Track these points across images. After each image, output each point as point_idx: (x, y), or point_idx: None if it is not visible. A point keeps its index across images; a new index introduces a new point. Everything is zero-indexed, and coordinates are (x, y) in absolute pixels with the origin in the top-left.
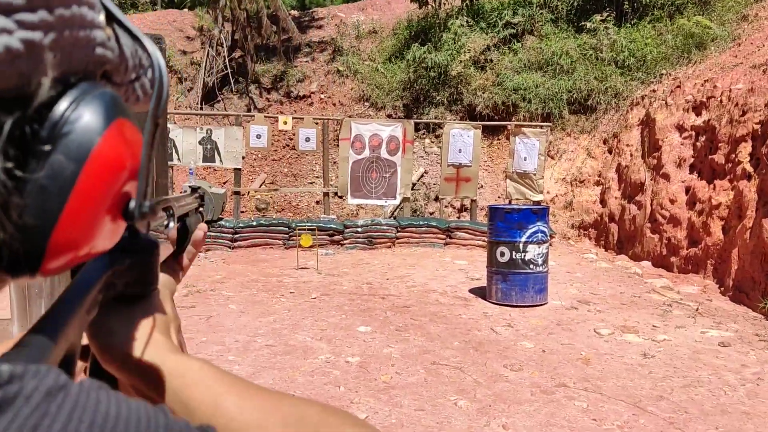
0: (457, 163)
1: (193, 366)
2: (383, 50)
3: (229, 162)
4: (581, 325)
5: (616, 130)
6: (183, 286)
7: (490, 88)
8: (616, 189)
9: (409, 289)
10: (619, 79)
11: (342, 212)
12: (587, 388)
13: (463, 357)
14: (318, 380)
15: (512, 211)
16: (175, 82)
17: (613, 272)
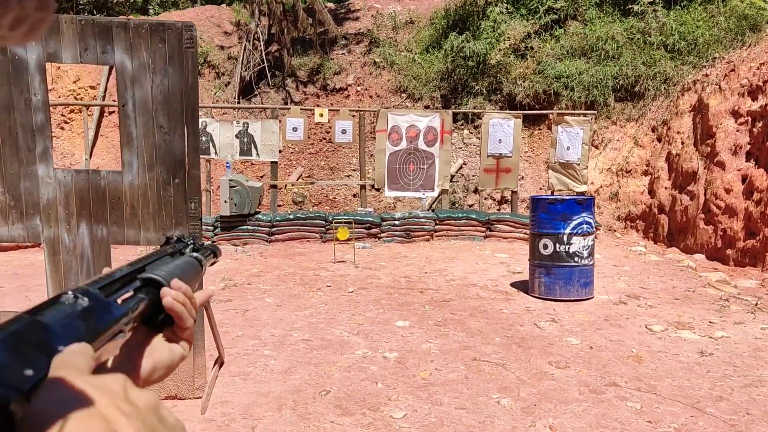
0: (497, 154)
1: None
2: (420, 40)
3: (265, 155)
4: (631, 321)
5: (666, 117)
6: (220, 279)
7: (530, 76)
8: (666, 179)
9: (448, 283)
10: (669, 63)
11: (379, 205)
12: (640, 387)
13: (506, 353)
14: (355, 376)
15: (556, 201)
16: (213, 77)
17: (663, 265)
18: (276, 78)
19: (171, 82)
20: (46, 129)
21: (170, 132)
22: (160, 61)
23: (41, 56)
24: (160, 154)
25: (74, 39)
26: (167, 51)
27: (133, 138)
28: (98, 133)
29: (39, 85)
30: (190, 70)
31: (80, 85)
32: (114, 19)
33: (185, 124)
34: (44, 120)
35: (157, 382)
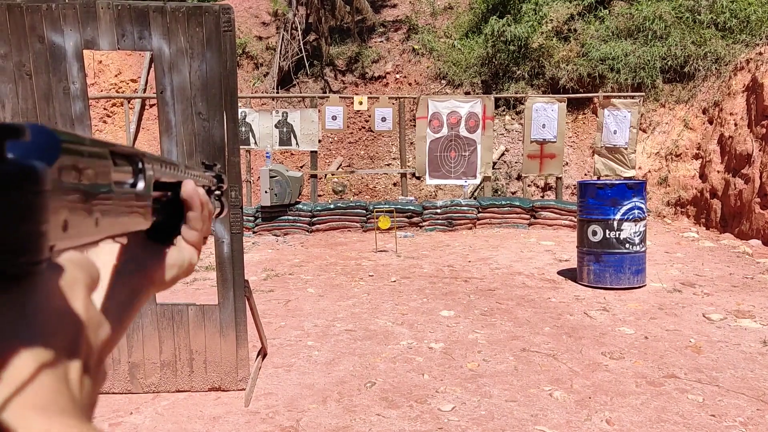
0: (541, 139)
1: None
2: (459, 26)
3: (305, 145)
4: (687, 310)
5: (718, 99)
6: (262, 270)
7: (574, 59)
8: (719, 162)
9: (493, 272)
10: (720, 42)
11: (420, 193)
12: (701, 379)
13: (556, 343)
14: (400, 367)
15: (605, 186)
16: (252, 67)
17: (718, 252)
18: (314, 67)
19: (209, 67)
20: (85, 118)
21: (209, 118)
22: (198, 45)
23: (79, 43)
24: (199, 141)
25: (111, 25)
26: (205, 35)
27: (172, 125)
28: (140, 126)
29: (77, 74)
30: (228, 54)
31: (121, 79)
32: (151, 3)
33: (224, 110)
34: (83, 109)
35: (172, 283)
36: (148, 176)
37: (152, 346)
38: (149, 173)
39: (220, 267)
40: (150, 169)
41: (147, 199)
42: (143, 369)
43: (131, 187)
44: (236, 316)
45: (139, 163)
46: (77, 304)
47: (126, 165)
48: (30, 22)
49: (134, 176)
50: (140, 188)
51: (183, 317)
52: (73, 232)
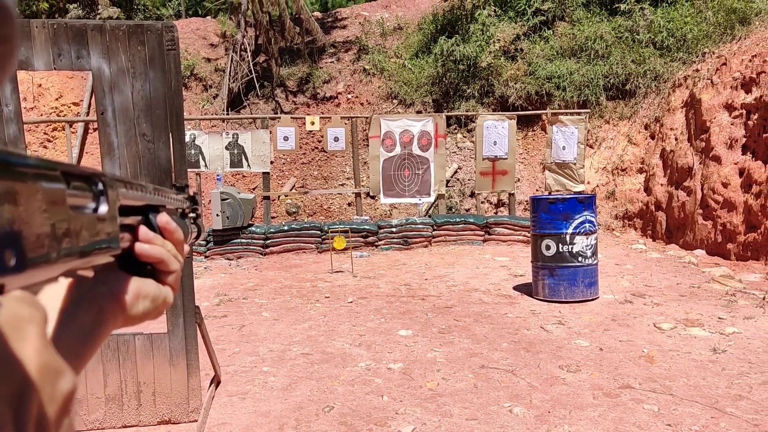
0: (493, 156)
1: None
2: (409, 46)
3: (257, 166)
4: (639, 320)
5: (658, 114)
6: (214, 295)
7: (522, 78)
8: (662, 176)
9: (450, 289)
10: (659, 60)
11: (375, 213)
12: (655, 389)
13: (514, 359)
14: (359, 390)
15: (557, 201)
16: (200, 89)
17: (665, 262)
18: (265, 89)
19: (153, 87)
20: (19, 142)
21: (154, 140)
22: (141, 64)
23: None
24: (144, 164)
25: (47, 44)
26: (147, 54)
27: (114, 147)
28: (83, 151)
29: (11, 95)
30: (173, 74)
31: (63, 102)
32: (89, 22)
33: (170, 131)
34: (17, 132)
35: (142, 318)
36: (111, 199)
37: (96, 380)
38: (112, 195)
39: None
40: (113, 191)
41: (113, 224)
42: (86, 405)
43: (93, 212)
44: (187, 343)
45: (99, 184)
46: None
47: (84, 187)
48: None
49: (95, 199)
50: (103, 212)
51: (129, 347)
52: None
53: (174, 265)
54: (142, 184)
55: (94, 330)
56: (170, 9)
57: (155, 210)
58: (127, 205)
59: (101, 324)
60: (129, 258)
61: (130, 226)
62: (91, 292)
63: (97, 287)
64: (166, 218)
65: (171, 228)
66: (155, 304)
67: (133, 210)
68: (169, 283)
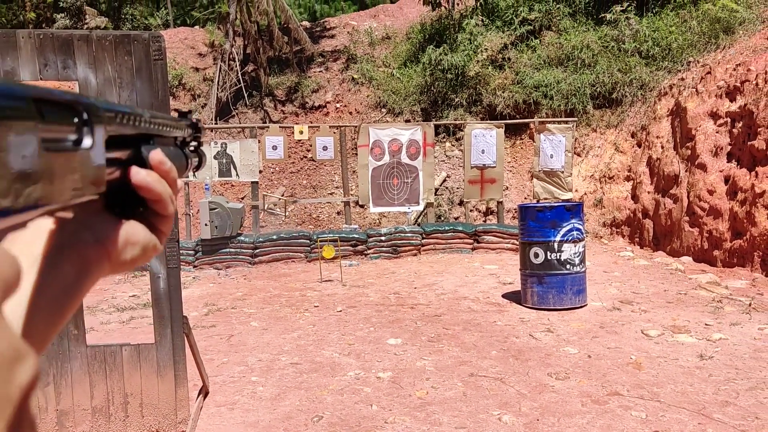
0: (481, 165)
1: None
2: (398, 55)
3: (245, 176)
4: (627, 327)
5: (645, 123)
6: (203, 305)
7: (509, 86)
8: (649, 183)
9: (439, 297)
10: (644, 69)
11: (364, 221)
12: (643, 395)
13: (503, 367)
14: (348, 399)
15: (544, 209)
16: (189, 99)
17: (652, 269)
18: (253, 98)
19: (140, 97)
20: None
21: None
22: (127, 74)
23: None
24: None
25: (33, 54)
26: (134, 64)
27: None
28: None
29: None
30: (160, 84)
31: None
32: (75, 32)
33: None
34: None
35: (130, 265)
36: (96, 130)
37: (82, 392)
38: (98, 126)
39: (156, 304)
40: (100, 121)
41: (98, 158)
42: (73, 417)
43: (75, 144)
44: (174, 354)
45: (84, 114)
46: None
47: (65, 116)
48: None
49: (77, 131)
50: (86, 145)
51: (116, 359)
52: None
53: (170, 206)
54: (137, 113)
55: (79, 280)
56: (158, 18)
57: (148, 141)
58: (116, 135)
59: (86, 274)
60: (116, 196)
61: (119, 160)
62: (73, 237)
63: (81, 233)
64: (160, 156)
65: (166, 167)
66: (145, 251)
67: (124, 140)
68: (161, 230)
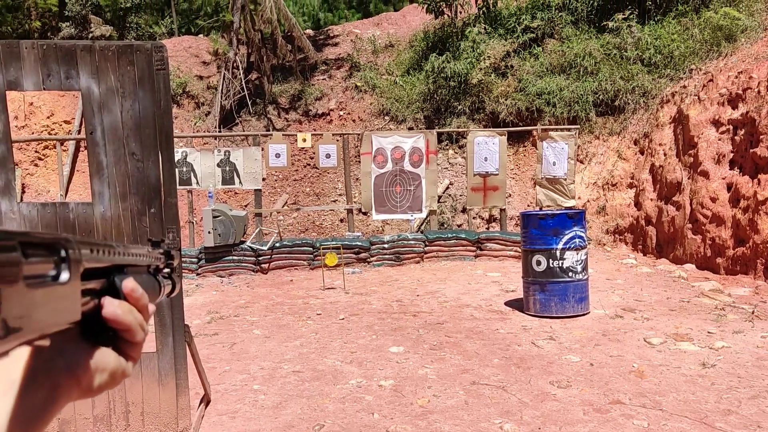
0: (484, 172)
1: None
2: (401, 63)
3: (249, 183)
4: (629, 335)
5: (647, 130)
6: (206, 313)
7: (512, 94)
8: (651, 190)
9: (442, 305)
10: (647, 77)
11: (367, 229)
12: (645, 404)
13: (505, 375)
14: (350, 407)
15: (546, 216)
16: (193, 107)
17: (655, 277)
18: (257, 106)
19: (142, 107)
20: (8, 161)
21: (144, 159)
22: (130, 84)
23: (1, 84)
24: (133, 182)
25: (36, 65)
26: (137, 74)
27: (103, 167)
28: (74, 169)
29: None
30: (162, 93)
31: (54, 120)
32: (78, 42)
33: (159, 150)
34: (5, 152)
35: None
36: (73, 265)
37: (84, 401)
38: (75, 262)
39: (157, 312)
40: (77, 257)
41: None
42: (74, 425)
43: (53, 279)
44: (176, 362)
45: (62, 251)
46: None
47: (45, 255)
48: None
49: (56, 267)
50: (63, 279)
51: None
52: None
53: (139, 335)
54: (110, 245)
55: (46, 407)
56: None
57: (121, 271)
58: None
59: (54, 400)
60: (91, 323)
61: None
62: (47, 364)
63: (54, 360)
64: (132, 284)
65: (137, 295)
66: (113, 377)
67: (99, 271)
68: (131, 356)
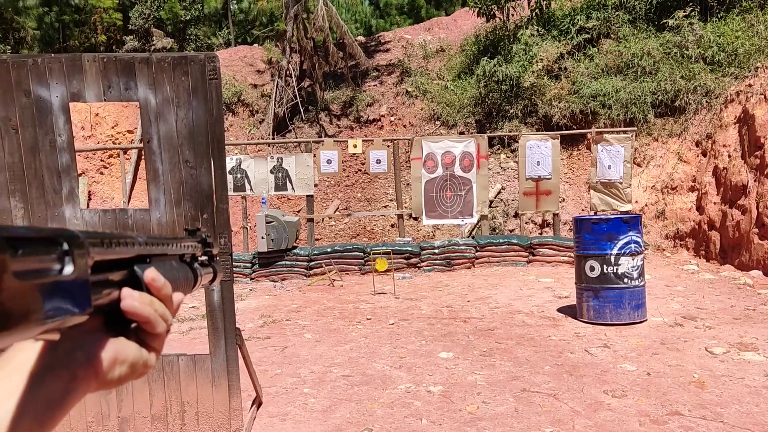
0: (536, 176)
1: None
2: (452, 68)
3: (301, 189)
4: (690, 344)
5: (710, 131)
6: (259, 316)
7: (566, 97)
8: (714, 194)
9: (492, 311)
10: (709, 76)
11: (418, 234)
12: (705, 416)
13: (557, 383)
14: (398, 413)
15: (600, 221)
16: (247, 115)
17: (719, 284)
18: (309, 113)
19: (195, 115)
20: (71, 170)
21: (196, 166)
22: (184, 94)
23: (65, 96)
24: (187, 189)
25: (97, 77)
26: (190, 84)
27: (159, 174)
28: (137, 176)
29: (63, 126)
30: (214, 102)
31: (118, 130)
32: (137, 55)
33: (211, 157)
34: (69, 161)
35: (118, 383)
36: (78, 258)
37: (142, 400)
38: (80, 255)
39: (210, 315)
40: (82, 251)
41: (82, 283)
42: (133, 423)
43: (59, 273)
44: (228, 365)
45: (64, 244)
46: None
47: (44, 250)
48: (16, 77)
49: (60, 260)
50: (68, 272)
51: (174, 368)
52: None
53: (160, 326)
54: (128, 236)
55: (64, 398)
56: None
57: (144, 261)
58: (110, 259)
59: (72, 392)
60: (114, 314)
61: (114, 282)
62: (66, 357)
63: (73, 352)
64: (153, 273)
65: (158, 285)
66: (134, 369)
67: (120, 263)
68: (153, 347)
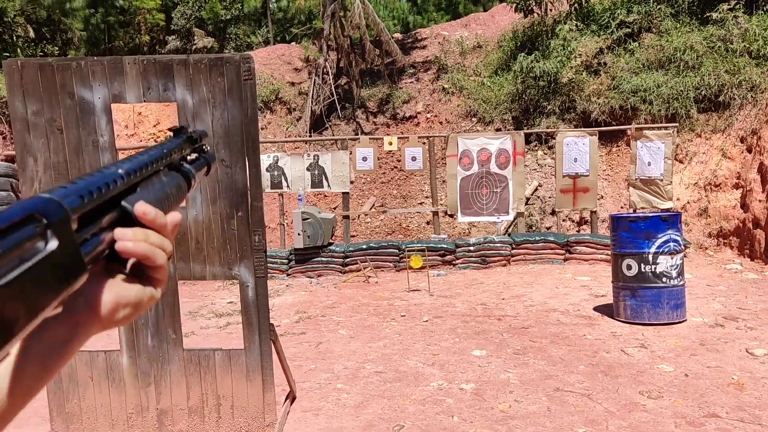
0: (573, 173)
1: None
2: (489, 64)
3: (337, 186)
4: (730, 345)
5: (756, 126)
6: (294, 312)
7: (605, 92)
8: (760, 191)
9: (527, 309)
10: (755, 70)
11: (453, 231)
12: (743, 418)
13: (591, 382)
14: (430, 409)
15: (638, 219)
16: (285, 112)
17: (763, 284)
18: (346, 110)
19: (231, 115)
20: None
21: (232, 165)
22: (220, 94)
23: (107, 98)
24: (222, 187)
25: (137, 79)
26: (226, 84)
27: None
28: None
29: (105, 126)
30: (249, 102)
31: (160, 129)
32: (175, 57)
33: (246, 156)
34: (111, 160)
35: (122, 323)
36: (58, 227)
37: (180, 393)
38: (61, 222)
39: (245, 311)
40: (63, 218)
41: (70, 248)
42: (171, 416)
43: (44, 249)
44: (262, 360)
45: (43, 219)
46: None
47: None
48: (60, 79)
49: (43, 236)
50: (53, 247)
51: (210, 362)
52: None
53: (160, 258)
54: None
55: (67, 343)
56: (259, 36)
57: (133, 190)
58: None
59: (75, 336)
60: (113, 253)
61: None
62: (68, 303)
63: (75, 298)
64: (143, 207)
65: (150, 217)
66: (137, 307)
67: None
68: (156, 279)
